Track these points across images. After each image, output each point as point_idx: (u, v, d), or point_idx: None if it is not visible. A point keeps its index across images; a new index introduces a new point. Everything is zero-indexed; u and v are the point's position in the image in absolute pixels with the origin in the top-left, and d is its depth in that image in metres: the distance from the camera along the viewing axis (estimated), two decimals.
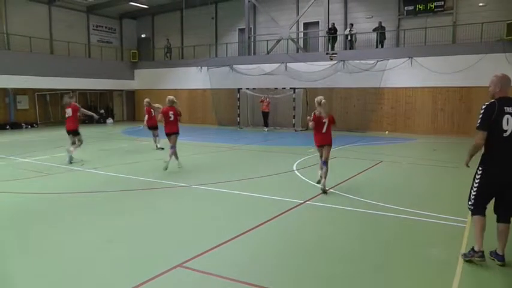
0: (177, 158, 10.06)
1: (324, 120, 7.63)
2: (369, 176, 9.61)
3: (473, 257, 4.45)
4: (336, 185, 8.31)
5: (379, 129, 20.35)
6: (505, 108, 4.21)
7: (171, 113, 9.79)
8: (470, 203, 4.53)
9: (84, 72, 24.91)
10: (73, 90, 25.53)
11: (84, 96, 27.15)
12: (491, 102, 4.32)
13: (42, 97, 24.81)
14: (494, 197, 4.47)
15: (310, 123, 7.65)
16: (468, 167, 4.59)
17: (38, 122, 24.28)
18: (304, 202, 7.02)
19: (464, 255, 4.57)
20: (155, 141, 13.64)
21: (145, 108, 13.57)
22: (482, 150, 4.45)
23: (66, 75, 23.86)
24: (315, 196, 7.40)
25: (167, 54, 28.42)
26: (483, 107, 4.34)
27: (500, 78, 4.37)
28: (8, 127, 22.53)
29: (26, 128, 23.16)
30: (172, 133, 9.83)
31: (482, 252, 4.40)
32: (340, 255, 4.86)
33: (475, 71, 17.36)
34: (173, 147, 9.85)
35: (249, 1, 24.30)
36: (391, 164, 11.30)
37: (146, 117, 13.50)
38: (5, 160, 11.48)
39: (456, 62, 18.11)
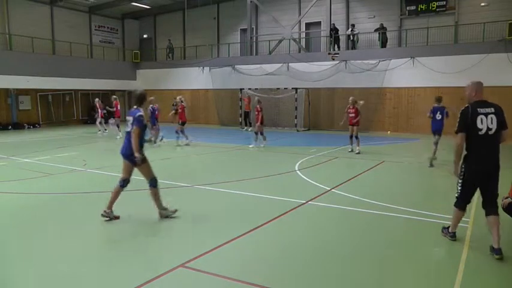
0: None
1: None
2: (371, 176, 9.60)
3: (446, 235, 5.24)
4: (338, 185, 8.30)
5: (381, 129, 20.32)
6: (479, 109, 4.76)
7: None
8: (456, 194, 5.11)
9: (86, 73, 24.94)
10: (75, 91, 25.65)
11: (86, 96, 27.17)
12: (465, 107, 4.86)
13: (45, 97, 24.86)
14: (479, 190, 4.92)
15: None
16: (458, 176, 4.98)
17: (40, 123, 24.34)
18: (307, 202, 7.01)
19: (442, 229, 5.35)
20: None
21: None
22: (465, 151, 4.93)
23: (68, 75, 23.90)
24: (317, 196, 7.39)
25: (169, 55, 28.43)
26: (460, 112, 4.88)
27: (476, 84, 4.93)
28: (10, 127, 22.57)
29: (28, 128, 23.21)
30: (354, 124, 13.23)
31: (454, 233, 5.18)
32: (342, 255, 4.86)
33: (477, 71, 17.26)
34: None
35: (251, 1, 24.28)
36: (393, 164, 11.29)
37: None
38: (7, 160, 11.50)
39: (458, 62, 18.05)
